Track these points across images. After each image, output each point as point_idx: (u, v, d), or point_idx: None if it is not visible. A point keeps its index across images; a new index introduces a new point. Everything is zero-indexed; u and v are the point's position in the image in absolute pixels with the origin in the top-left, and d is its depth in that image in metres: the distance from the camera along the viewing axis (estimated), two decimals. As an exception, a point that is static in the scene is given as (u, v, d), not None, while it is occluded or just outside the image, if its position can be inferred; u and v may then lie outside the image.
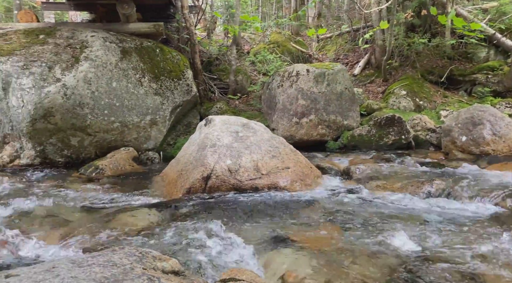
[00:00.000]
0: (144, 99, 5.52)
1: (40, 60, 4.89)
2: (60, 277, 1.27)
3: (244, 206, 3.26)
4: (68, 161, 5.27)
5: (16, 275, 1.29)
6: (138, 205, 3.55)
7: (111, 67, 5.25)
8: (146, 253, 1.75)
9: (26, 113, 4.79)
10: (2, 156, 5.20)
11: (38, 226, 3.18)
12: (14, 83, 4.77)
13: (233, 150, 3.78)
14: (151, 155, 5.54)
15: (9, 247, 2.76)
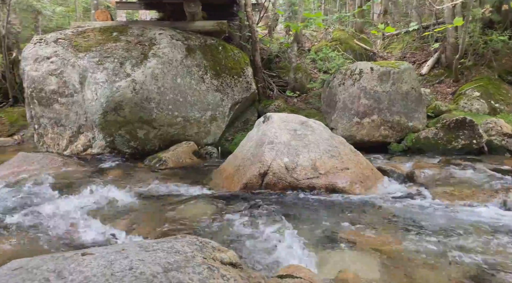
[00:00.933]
0: (205, 95, 5.68)
1: (113, 56, 5.24)
2: (129, 259, 1.35)
3: (300, 204, 3.23)
4: (134, 152, 5.57)
5: (91, 253, 1.39)
6: (197, 196, 3.66)
7: (176, 63, 5.47)
8: (206, 243, 1.79)
9: (99, 106, 5.15)
10: (77, 145, 5.64)
11: (106, 211, 3.40)
12: (89, 78, 5.16)
13: (291, 148, 3.75)
14: (210, 150, 5.69)
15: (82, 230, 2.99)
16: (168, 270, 1.38)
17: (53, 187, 3.99)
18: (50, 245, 2.76)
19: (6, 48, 7.58)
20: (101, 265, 1.28)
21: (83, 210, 3.32)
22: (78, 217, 3.19)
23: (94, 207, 3.46)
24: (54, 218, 3.18)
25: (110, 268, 1.27)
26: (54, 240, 2.84)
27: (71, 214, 3.27)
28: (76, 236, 2.88)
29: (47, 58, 5.30)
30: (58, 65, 5.27)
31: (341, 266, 2.03)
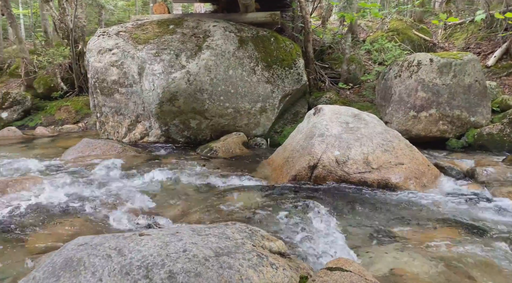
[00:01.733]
0: (256, 87, 5.72)
1: (169, 48, 5.43)
2: (183, 241, 1.40)
3: (350, 199, 3.16)
4: (187, 141, 5.77)
5: (147, 234, 1.46)
6: (246, 186, 3.72)
7: (228, 55, 5.55)
8: (255, 231, 1.82)
9: (156, 96, 5.37)
10: (135, 133, 5.94)
11: (158, 197, 3.56)
12: (147, 69, 5.39)
13: (342, 141, 3.67)
14: (259, 141, 5.74)
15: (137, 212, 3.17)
16: (219, 254, 1.42)
17: (113, 172, 4.25)
18: (108, 225, 2.95)
19: (73, 41, 8.14)
20: (157, 245, 1.35)
21: (139, 194, 3.51)
22: (134, 200, 3.38)
23: (149, 192, 3.64)
24: (113, 200, 3.39)
25: (165, 249, 1.33)
26: (112, 220, 3.04)
27: (127, 197, 3.47)
28: (132, 217, 3.05)
29: (109, 50, 5.61)
30: (119, 56, 5.56)
31: (393, 265, 1.97)
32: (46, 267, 1.32)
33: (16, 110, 7.88)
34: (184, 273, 1.25)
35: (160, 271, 1.23)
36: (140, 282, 1.19)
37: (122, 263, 1.24)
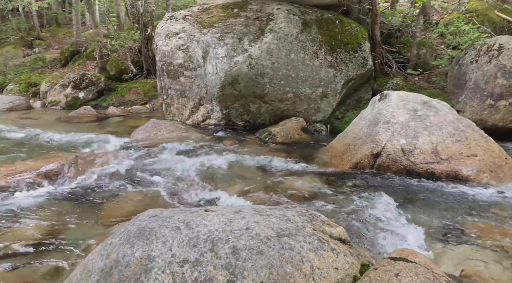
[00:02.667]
0: (318, 71, 5.60)
1: (233, 32, 5.48)
2: (245, 219, 1.44)
3: (416, 190, 3.02)
4: (246, 125, 5.85)
5: (212, 210, 1.52)
6: (304, 171, 3.70)
7: (291, 39, 5.48)
8: (315, 215, 1.81)
9: (218, 80, 5.49)
10: (197, 115, 6.15)
11: (220, 177, 3.67)
12: (211, 53, 5.51)
13: (409, 129, 3.49)
14: (319, 127, 5.65)
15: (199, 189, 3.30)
16: (280, 235, 1.43)
17: (177, 151, 4.46)
18: (173, 199, 3.12)
19: (143, 25, 8.54)
20: (222, 221, 1.40)
21: (201, 172, 3.65)
22: (196, 178, 3.53)
23: (210, 171, 3.78)
24: (177, 177, 3.57)
25: (229, 225, 1.38)
26: (176, 195, 3.21)
27: (190, 174, 3.63)
28: (194, 193, 3.19)
29: (176, 33, 5.81)
30: (185, 40, 5.74)
31: (463, 262, 1.86)
32: (121, 234, 1.43)
33: (91, 90, 8.50)
34: (247, 250, 1.28)
35: (224, 246, 1.28)
36: (206, 254, 1.24)
37: (190, 236, 1.31)
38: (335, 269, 1.39)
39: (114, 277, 1.24)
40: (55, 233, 2.56)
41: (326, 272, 1.36)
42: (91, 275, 1.34)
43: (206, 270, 1.20)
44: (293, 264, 1.31)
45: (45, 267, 2.15)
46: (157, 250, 1.25)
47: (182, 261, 1.22)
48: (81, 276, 1.39)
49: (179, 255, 1.24)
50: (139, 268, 1.21)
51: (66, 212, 2.90)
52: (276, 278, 1.24)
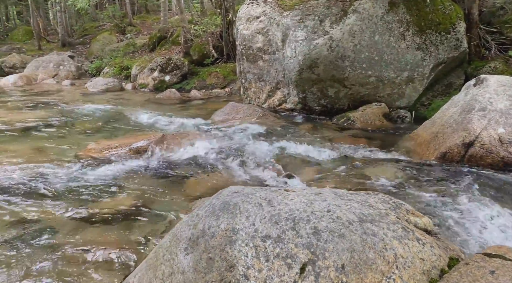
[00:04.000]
0: (404, 54, 5.25)
1: (314, 14, 5.36)
2: (327, 202, 1.43)
3: (514, 185, 2.72)
4: (323, 110, 5.74)
5: (292, 191, 1.54)
6: (385, 159, 3.54)
7: (376, 19, 5.19)
8: (399, 204, 1.73)
9: (296, 63, 5.44)
10: (274, 99, 6.18)
11: (295, 161, 3.68)
12: (290, 35, 5.47)
13: (509, 117, 3.13)
14: (402, 114, 5.33)
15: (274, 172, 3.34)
16: (362, 220, 1.40)
17: (253, 133, 4.55)
18: (249, 179, 3.21)
19: (225, 10, 8.76)
20: (302, 202, 1.41)
21: (276, 155, 3.70)
22: (272, 160, 3.58)
23: (285, 154, 3.80)
24: (253, 158, 3.66)
25: (310, 206, 1.38)
26: (252, 175, 3.30)
27: (266, 156, 3.70)
28: (269, 174, 3.25)
29: (257, 17, 5.86)
30: (265, 24, 5.77)
31: None
32: (207, 207, 1.52)
33: (176, 74, 9.00)
34: (328, 232, 1.27)
35: (306, 225, 1.29)
36: (287, 232, 1.26)
37: (272, 213, 1.34)
38: (421, 260, 1.33)
39: (201, 246, 1.33)
40: (143, 203, 2.81)
41: (410, 261, 1.30)
42: (180, 243, 1.44)
43: (288, 247, 1.22)
44: (375, 250, 1.27)
45: (137, 233, 2.37)
46: (241, 223, 1.30)
47: (265, 237, 1.25)
48: (170, 243, 1.50)
49: (262, 231, 1.27)
50: (224, 239, 1.28)
51: (153, 185, 3.15)
52: (358, 262, 1.21)
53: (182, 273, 1.31)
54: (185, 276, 1.29)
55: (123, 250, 2.17)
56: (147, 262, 1.57)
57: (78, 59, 12.58)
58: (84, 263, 2.01)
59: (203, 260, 1.27)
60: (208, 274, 1.22)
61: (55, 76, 10.80)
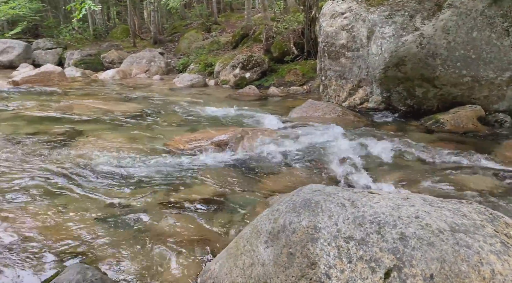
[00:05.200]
0: (507, 52, 4.73)
1: (404, 9, 5.07)
2: (415, 208, 1.35)
3: None
4: (409, 110, 5.42)
5: (377, 193, 1.48)
6: (479, 167, 3.24)
7: (475, 14, 4.74)
8: (497, 216, 1.57)
9: (382, 61, 5.20)
10: (355, 98, 6.00)
11: (376, 163, 3.54)
12: (377, 32, 5.24)
13: None
14: (501, 118, 4.81)
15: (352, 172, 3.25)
16: (454, 230, 1.30)
17: (332, 132, 4.47)
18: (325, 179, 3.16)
19: (308, 7, 8.70)
20: (388, 205, 1.35)
21: (355, 156, 3.59)
22: (351, 161, 3.48)
23: (365, 156, 3.67)
24: (330, 158, 3.59)
25: (397, 211, 1.32)
26: (329, 175, 3.24)
27: (344, 157, 3.60)
28: (348, 176, 3.16)
29: (342, 13, 5.72)
30: (350, 20, 5.61)
31: None
32: (287, 203, 1.53)
33: (256, 71, 9.19)
34: (416, 239, 1.21)
35: (392, 230, 1.24)
36: (372, 235, 1.22)
37: (356, 214, 1.30)
38: (524, 281, 1.19)
39: (281, 240, 1.35)
40: (222, 194, 2.93)
41: (510, 280, 1.18)
42: (260, 235, 1.48)
43: (372, 250, 1.18)
44: (469, 264, 1.17)
45: (215, 222, 2.48)
46: (323, 222, 1.30)
47: (348, 237, 1.23)
48: (251, 235, 1.55)
49: (345, 231, 1.25)
50: (306, 236, 1.28)
51: (231, 178, 3.27)
52: (449, 274, 1.13)
53: (262, 265, 1.35)
54: (265, 268, 1.32)
55: (203, 237, 2.29)
56: (228, 251, 1.64)
57: (167, 56, 13.48)
58: (167, 246, 2.16)
59: (283, 254, 1.29)
60: (288, 268, 1.24)
61: (147, 71, 11.72)
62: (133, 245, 2.17)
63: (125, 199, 2.80)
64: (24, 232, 2.26)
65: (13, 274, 1.86)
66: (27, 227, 2.34)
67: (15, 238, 2.19)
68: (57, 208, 2.60)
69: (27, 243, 2.16)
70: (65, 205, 2.65)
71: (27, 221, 2.41)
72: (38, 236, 2.23)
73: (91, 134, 4.53)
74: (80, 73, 11.43)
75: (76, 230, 2.33)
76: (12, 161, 3.53)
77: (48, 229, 2.32)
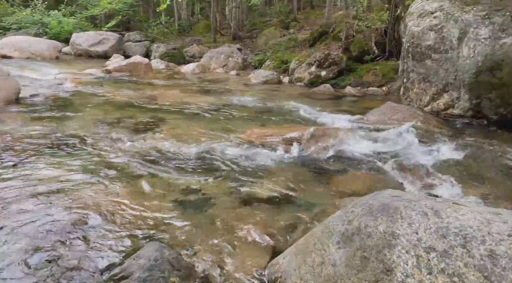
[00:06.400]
0: None
1: (505, 9, 4.60)
2: (507, 224, 1.24)
3: None
4: (501, 119, 4.92)
5: (463, 205, 1.38)
6: None
7: None
8: None
9: (473, 64, 4.78)
10: (439, 103, 5.60)
11: (459, 174, 3.28)
12: (470, 33, 4.83)
13: None
14: None
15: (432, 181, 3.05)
16: (555, 256, 1.16)
17: (410, 138, 4.24)
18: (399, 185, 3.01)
19: (394, 5, 8.29)
20: (477, 219, 1.25)
21: (434, 165, 3.37)
22: (428, 169, 3.27)
23: (446, 165, 3.43)
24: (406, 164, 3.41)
25: (487, 226, 1.22)
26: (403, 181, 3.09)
27: (422, 164, 3.40)
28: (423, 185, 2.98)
29: (431, 13, 5.37)
30: (440, 20, 5.24)
31: None
32: (363, 206, 1.49)
33: (332, 70, 9.01)
34: (508, 259, 1.10)
35: (479, 246, 1.14)
36: (456, 249, 1.14)
37: (439, 225, 1.23)
38: None
39: (355, 243, 1.32)
40: (291, 191, 2.94)
41: None
42: (332, 236, 1.47)
43: (456, 265, 1.11)
44: None
45: (283, 218, 2.50)
46: (402, 229, 1.24)
47: (429, 248, 1.17)
48: (322, 234, 1.54)
49: (425, 241, 1.19)
50: (382, 241, 1.24)
51: (301, 176, 3.26)
52: (545, 302, 1.02)
53: (333, 265, 1.33)
54: (336, 268, 1.31)
55: (270, 230, 2.32)
56: (297, 247, 1.64)
57: (245, 52, 13.79)
58: (236, 235, 2.23)
59: (356, 257, 1.27)
60: (361, 272, 1.21)
61: (224, 66, 12.11)
62: (205, 231, 2.28)
63: (199, 186, 2.94)
64: (109, 209, 2.50)
65: (100, 247, 2.06)
66: (112, 204, 2.57)
67: (101, 215, 2.42)
68: (139, 189, 2.83)
69: (113, 219, 2.37)
70: (146, 187, 2.87)
71: (112, 199, 2.66)
72: (121, 214, 2.44)
73: (171, 123, 4.83)
74: (164, 66, 12.17)
75: (154, 211, 2.51)
76: (103, 143, 3.90)
77: (130, 208, 2.53)
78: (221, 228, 2.32)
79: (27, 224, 2.21)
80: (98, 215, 2.40)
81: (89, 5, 18.14)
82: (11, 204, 2.47)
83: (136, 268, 1.64)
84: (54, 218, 2.30)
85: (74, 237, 2.11)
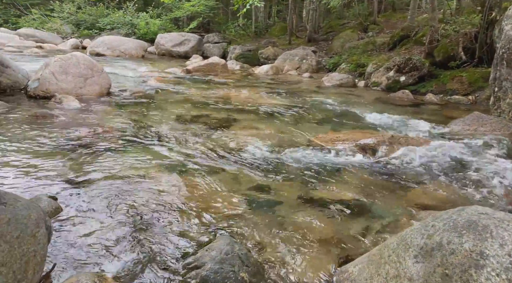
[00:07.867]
0: None
1: None
2: None
3: None
4: None
5: None
6: None
7: None
8: None
9: None
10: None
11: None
12: None
13: None
14: None
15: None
16: None
17: (500, 151, 3.87)
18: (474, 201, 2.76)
19: (488, 8, 7.59)
20: None
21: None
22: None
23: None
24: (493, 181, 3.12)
25: None
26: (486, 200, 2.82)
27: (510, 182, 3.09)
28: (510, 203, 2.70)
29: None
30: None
31: None
32: (445, 221, 1.40)
33: (413, 75, 8.53)
34: None
35: None
36: (559, 278, 1.02)
37: (537, 249, 1.11)
38: None
39: (436, 259, 1.24)
40: (362, 198, 2.84)
41: None
42: (409, 249, 1.39)
43: (555, 296, 0.99)
44: None
45: (353, 226, 2.43)
46: (492, 250, 1.14)
47: (523, 274, 1.06)
48: (398, 246, 1.47)
49: (520, 265, 1.08)
50: (468, 261, 1.15)
51: (373, 184, 3.14)
52: None
53: (409, 279, 1.26)
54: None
55: (339, 237, 2.27)
56: (370, 257, 1.59)
57: (319, 54, 13.64)
58: (303, 239, 2.21)
59: (437, 274, 1.19)
60: (442, 290, 1.14)
61: (298, 68, 12.09)
62: (272, 230, 2.30)
63: (269, 185, 2.98)
64: (185, 199, 2.64)
65: (177, 234, 2.19)
66: (188, 194, 2.71)
67: (178, 203, 2.57)
68: (212, 184, 2.94)
69: (189, 208, 2.51)
70: (218, 183, 2.98)
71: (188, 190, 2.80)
72: (195, 204, 2.57)
73: (244, 123, 4.95)
74: (239, 67, 12.51)
75: (224, 204, 2.60)
76: (181, 137, 4.14)
77: (203, 199, 2.65)
78: (289, 228, 2.32)
79: (120, 204, 2.43)
80: (176, 202, 2.55)
81: (174, 7, 19.30)
82: (97, 189, 2.73)
83: (208, 259, 1.71)
84: (140, 202, 2.50)
85: (156, 220, 2.28)
